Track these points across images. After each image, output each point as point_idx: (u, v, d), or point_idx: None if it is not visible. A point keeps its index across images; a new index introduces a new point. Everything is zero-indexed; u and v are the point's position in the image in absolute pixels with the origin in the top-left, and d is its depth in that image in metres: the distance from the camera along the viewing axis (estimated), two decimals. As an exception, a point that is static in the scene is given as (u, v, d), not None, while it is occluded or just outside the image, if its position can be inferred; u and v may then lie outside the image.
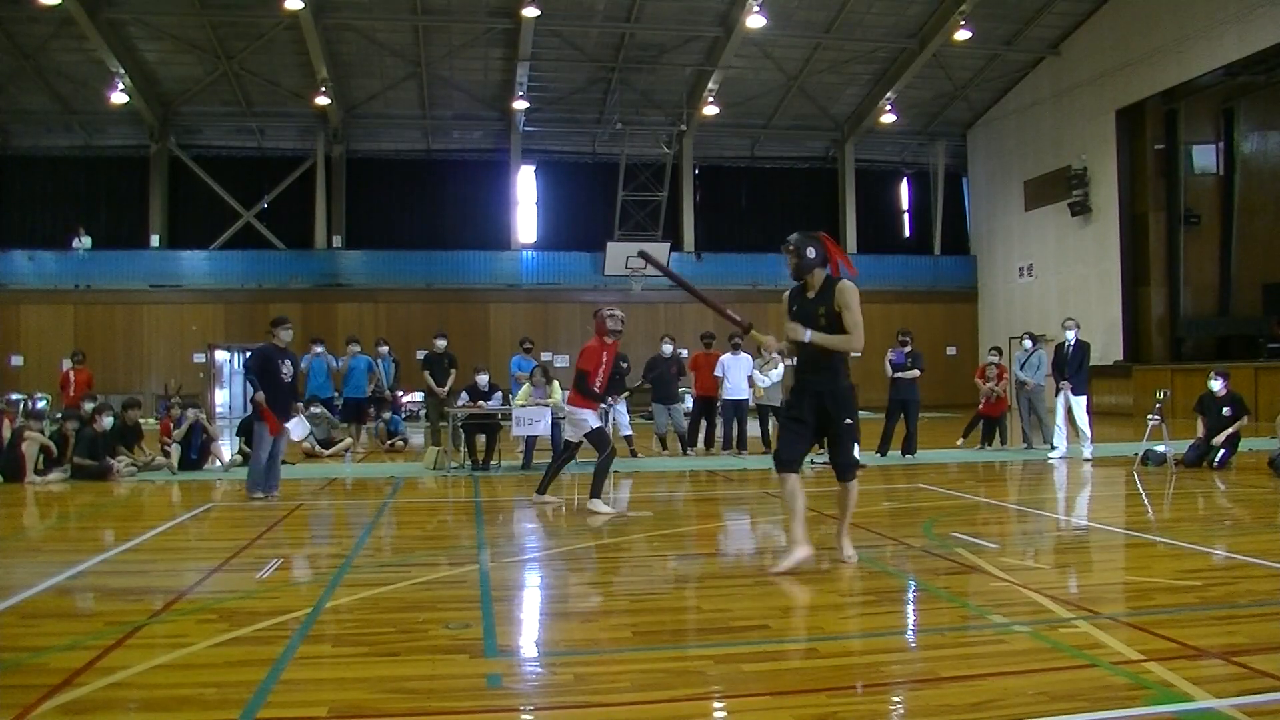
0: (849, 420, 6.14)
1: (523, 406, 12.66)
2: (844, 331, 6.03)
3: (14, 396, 21.85)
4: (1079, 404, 13.26)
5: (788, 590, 5.72)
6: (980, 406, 15.63)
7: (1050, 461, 13.20)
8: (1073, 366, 13.35)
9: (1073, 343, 13.46)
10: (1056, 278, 27.81)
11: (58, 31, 24.48)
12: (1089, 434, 13.26)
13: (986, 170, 31.63)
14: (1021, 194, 29.33)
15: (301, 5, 22.49)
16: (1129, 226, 25.31)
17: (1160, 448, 12.13)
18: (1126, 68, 24.58)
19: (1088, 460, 12.99)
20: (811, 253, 6.13)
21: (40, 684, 3.96)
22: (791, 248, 6.14)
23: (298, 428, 12.04)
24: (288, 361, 10.26)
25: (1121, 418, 21.71)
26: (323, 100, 26.62)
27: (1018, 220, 29.62)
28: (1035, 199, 28.65)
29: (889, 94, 28.20)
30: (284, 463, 10.40)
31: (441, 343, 15.53)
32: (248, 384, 10.33)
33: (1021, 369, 14.93)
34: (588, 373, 9.15)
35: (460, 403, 13.48)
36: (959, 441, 15.56)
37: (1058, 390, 13.46)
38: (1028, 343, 15.35)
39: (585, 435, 9.22)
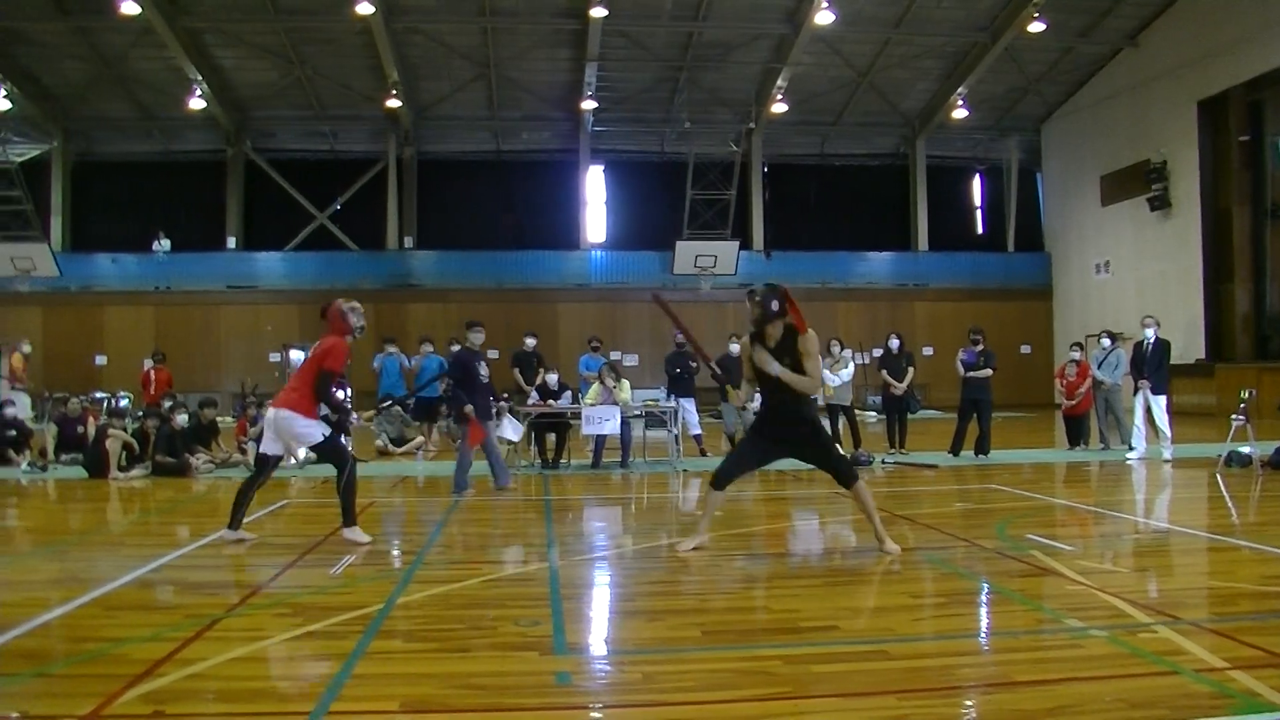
0: (822, 439, 6.91)
1: (592, 405, 12.75)
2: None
3: (98, 395, 22.50)
4: (1159, 403, 12.93)
5: (857, 591, 5.67)
6: (1064, 407, 15.37)
7: (1128, 462, 12.88)
8: (1152, 365, 13.02)
9: (1152, 341, 13.13)
10: (1134, 274, 27.15)
11: (137, 40, 25.13)
12: (1169, 434, 12.91)
13: (1061, 165, 31.01)
14: (1097, 189, 28.68)
15: (372, 10, 22.84)
16: (1211, 221, 24.60)
17: (1245, 449, 11.76)
18: (1208, 58, 23.89)
19: (1167, 461, 12.65)
20: (775, 305, 6.57)
21: (123, 673, 4.09)
22: (757, 299, 6.61)
23: (511, 429, 12.19)
24: (483, 363, 10.52)
25: (1204, 418, 21.12)
26: (393, 103, 27.02)
27: (1093, 216, 28.98)
28: (1112, 194, 28.00)
29: (960, 89, 27.76)
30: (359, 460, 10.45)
31: (531, 341, 15.63)
32: (453, 390, 10.60)
33: (1099, 368, 14.62)
34: (333, 373, 7.38)
35: (530, 401, 13.58)
36: (1079, 446, 15.06)
37: (1136, 389, 13.14)
38: (1106, 341, 14.99)
39: (314, 448, 7.48)
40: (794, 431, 6.76)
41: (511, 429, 12.22)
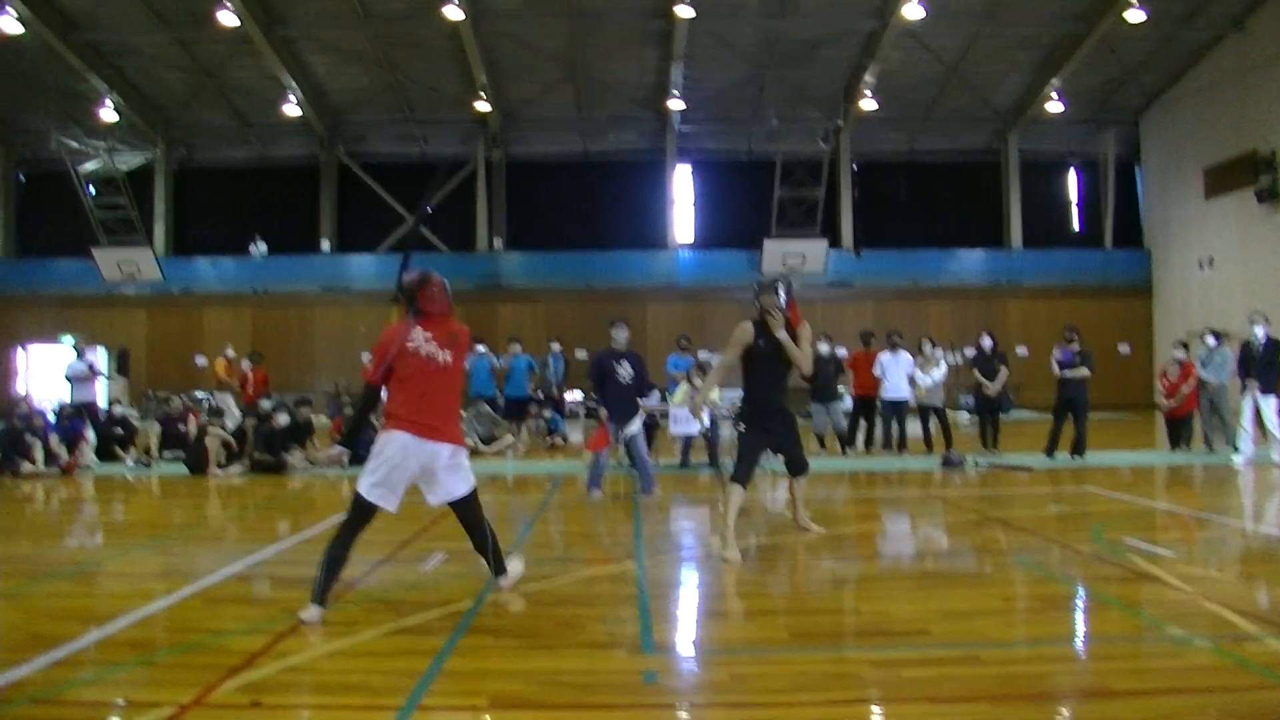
0: (795, 429, 7.47)
1: (680, 405, 12.74)
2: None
3: (198, 394, 23.22)
4: (1268, 405, 12.44)
5: (948, 594, 5.58)
6: (1164, 408, 14.92)
7: (1234, 466, 12.43)
8: (1261, 364, 12.55)
9: (1261, 339, 12.66)
10: (1241, 270, 26.16)
11: (235, 50, 25.92)
12: (1280, 437, 12.45)
13: (1161, 157, 30.03)
14: (1200, 181, 27.67)
15: (461, 15, 23.17)
16: (1326, 213, 23.61)
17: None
18: (1320, 43, 22.92)
19: (1278, 466, 12.18)
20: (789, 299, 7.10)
21: (222, 664, 4.23)
22: (787, 286, 7.12)
23: (635, 424, 11.91)
24: (624, 361, 10.39)
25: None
26: (482, 106, 27.40)
27: (1196, 209, 27.99)
28: (1216, 186, 26.98)
29: (1054, 81, 27.08)
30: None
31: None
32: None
33: (1204, 367, 14.12)
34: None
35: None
36: (1181, 448, 14.69)
37: (1243, 390, 12.67)
38: (1210, 339, 14.48)
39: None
40: (780, 422, 7.23)
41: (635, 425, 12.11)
